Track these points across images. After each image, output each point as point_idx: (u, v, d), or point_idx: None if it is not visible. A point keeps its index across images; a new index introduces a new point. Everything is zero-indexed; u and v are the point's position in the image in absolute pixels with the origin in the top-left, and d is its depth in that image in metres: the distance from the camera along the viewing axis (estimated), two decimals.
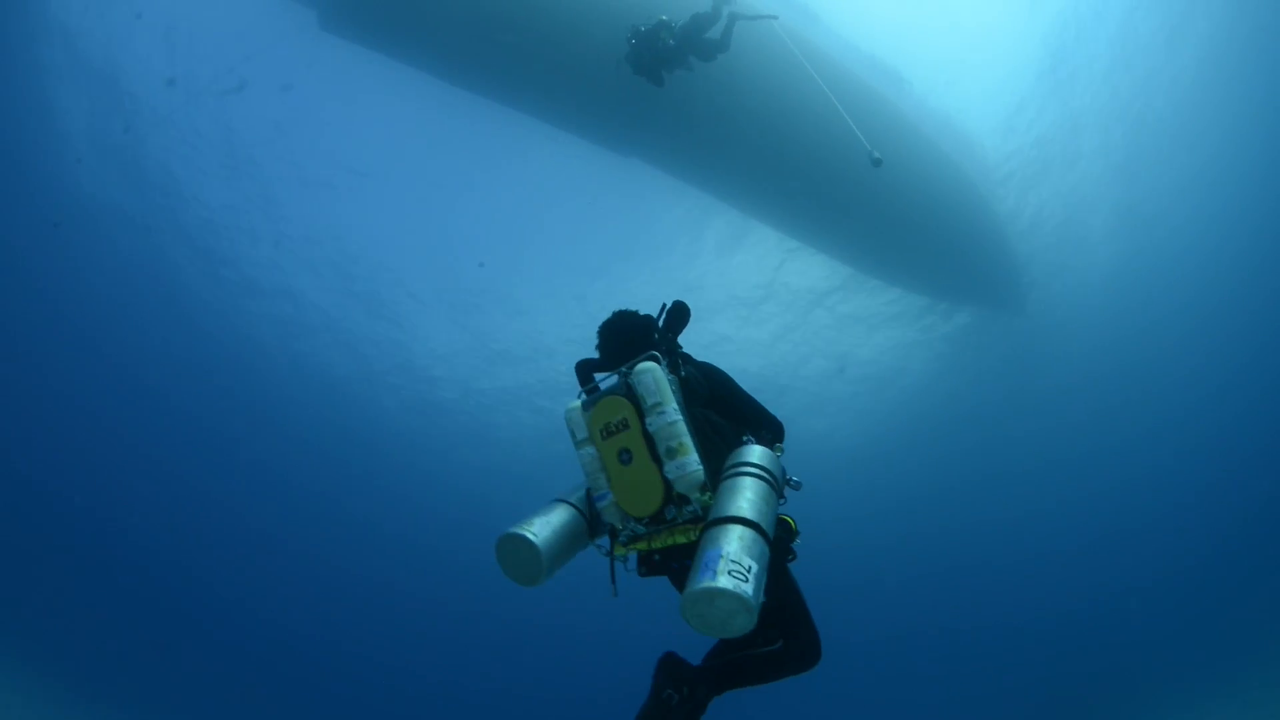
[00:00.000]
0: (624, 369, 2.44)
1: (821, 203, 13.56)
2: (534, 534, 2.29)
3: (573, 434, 2.45)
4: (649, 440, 2.29)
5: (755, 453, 2.27)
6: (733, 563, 1.88)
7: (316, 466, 24.76)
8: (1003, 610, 26.04)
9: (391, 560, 26.10)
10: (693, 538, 2.27)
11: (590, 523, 2.52)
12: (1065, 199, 19.80)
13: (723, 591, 1.82)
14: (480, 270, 21.36)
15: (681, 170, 13.53)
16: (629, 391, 2.36)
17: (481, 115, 13.40)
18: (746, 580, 1.85)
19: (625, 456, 2.31)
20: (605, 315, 2.79)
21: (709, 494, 2.24)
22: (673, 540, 2.32)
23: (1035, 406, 24.87)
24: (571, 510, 2.49)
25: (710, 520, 2.07)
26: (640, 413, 2.31)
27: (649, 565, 2.43)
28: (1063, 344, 23.13)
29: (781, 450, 2.49)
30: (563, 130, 12.49)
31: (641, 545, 2.38)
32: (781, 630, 2.38)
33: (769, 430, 2.59)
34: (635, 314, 2.75)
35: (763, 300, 20.94)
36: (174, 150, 17.25)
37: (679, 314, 2.72)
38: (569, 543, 2.41)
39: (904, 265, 16.49)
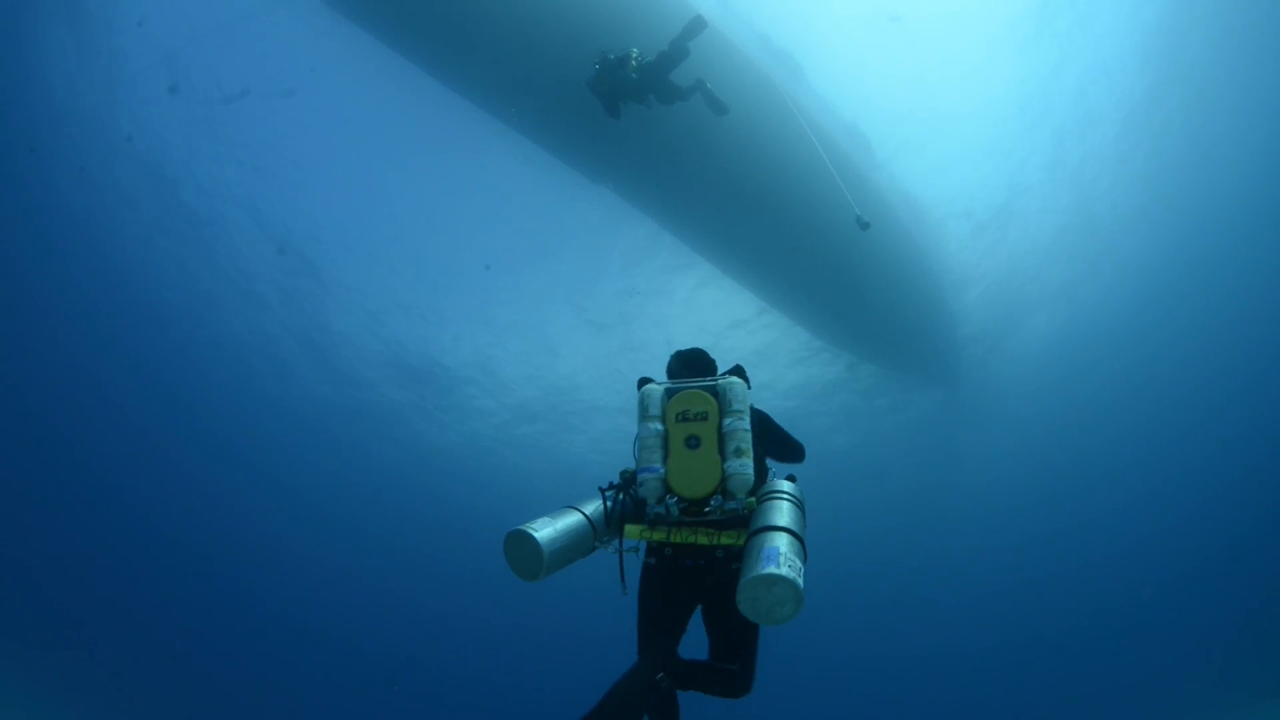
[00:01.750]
0: (713, 378, 2.74)
1: (791, 264, 13.35)
2: (537, 532, 2.43)
3: (645, 409, 2.65)
4: (720, 437, 2.55)
5: (788, 484, 2.63)
6: (789, 560, 2.14)
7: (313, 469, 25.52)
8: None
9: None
10: (711, 541, 2.49)
11: (596, 529, 2.63)
12: (1009, 273, 20.75)
13: (784, 579, 2.08)
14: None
15: (655, 211, 13.04)
16: (715, 394, 2.64)
17: (455, 114, 12.69)
18: (800, 577, 2.12)
19: (693, 443, 2.55)
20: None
21: (751, 499, 2.52)
22: (693, 539, 2.50)
23: (966, 459, 26.03)
24: (579, 516, 2.61)
25: (760, 527, 2.34)
26: (720, 413, 2.59)
27: (658, 559, 2.59)
28: (997, 410, 24.32)
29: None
30: (539, 146, 11.81)
31: (660, 535, 2.53)
32: (739, 654, 2.60)
33: (795, 454, 3.09)
34: (706, 352, 3.27)
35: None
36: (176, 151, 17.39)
37: (743, 371, 3.04)
38: (572, 545, 2.53)
39: (859, 335, 16.53)
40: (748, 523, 2.48)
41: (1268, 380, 23.85)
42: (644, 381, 2.83)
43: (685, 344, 3.50)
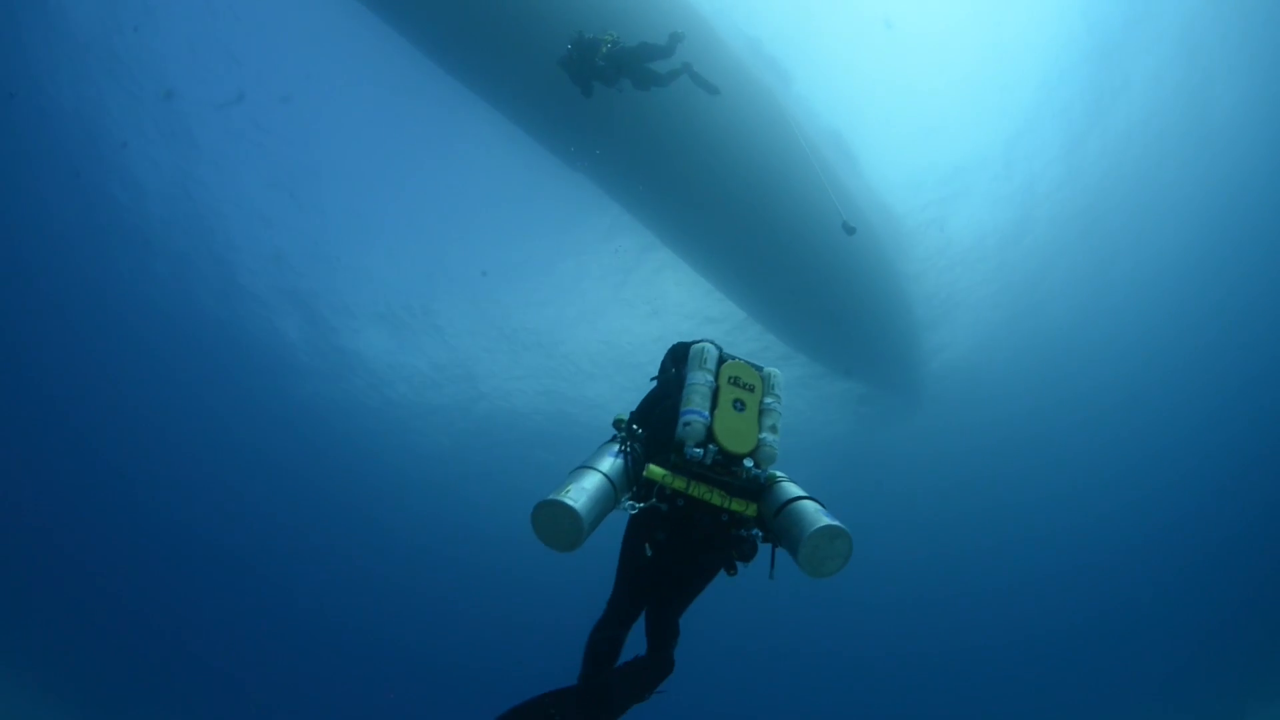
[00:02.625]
0: (756, 364, 2.93)
1: (762, 263, 13.31)
2: (573, 500, 2.40)
3: (702, 360, 2.81)
4: (760, 411, 2.76)
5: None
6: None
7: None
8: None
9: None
10: (723, 504, 2.58)
11: (616, 487, 2.62)
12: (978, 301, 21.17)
13: (846, 535, 2.33)
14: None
15: (630, 203, 12.85)
16: (760, 375, 2.88)
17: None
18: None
19: (739, 406, 2.73)
20: None
21: (773, 473, 2.69)
22: (710, 496, 2.58)
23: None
24: (599, 475, 2.58)
25: (797, 496, 2.52)
26: (763, 391, 2.82)
27: (670, 507, 2.62)
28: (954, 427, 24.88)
29: None
30: (520, 127, 11.50)
31: (681, 484, 2.58)
32: (673, 621, 2.83)
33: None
34: None
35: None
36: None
37: None
38: (602, 507, 2.52)
39: (828, 342, 16.59)
40: (758, 496, 2.64)
41: (1267, 381, 24.47)
42: (684, 347, 3.07)
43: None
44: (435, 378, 22.99)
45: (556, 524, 2.37)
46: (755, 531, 2.60)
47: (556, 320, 21.86)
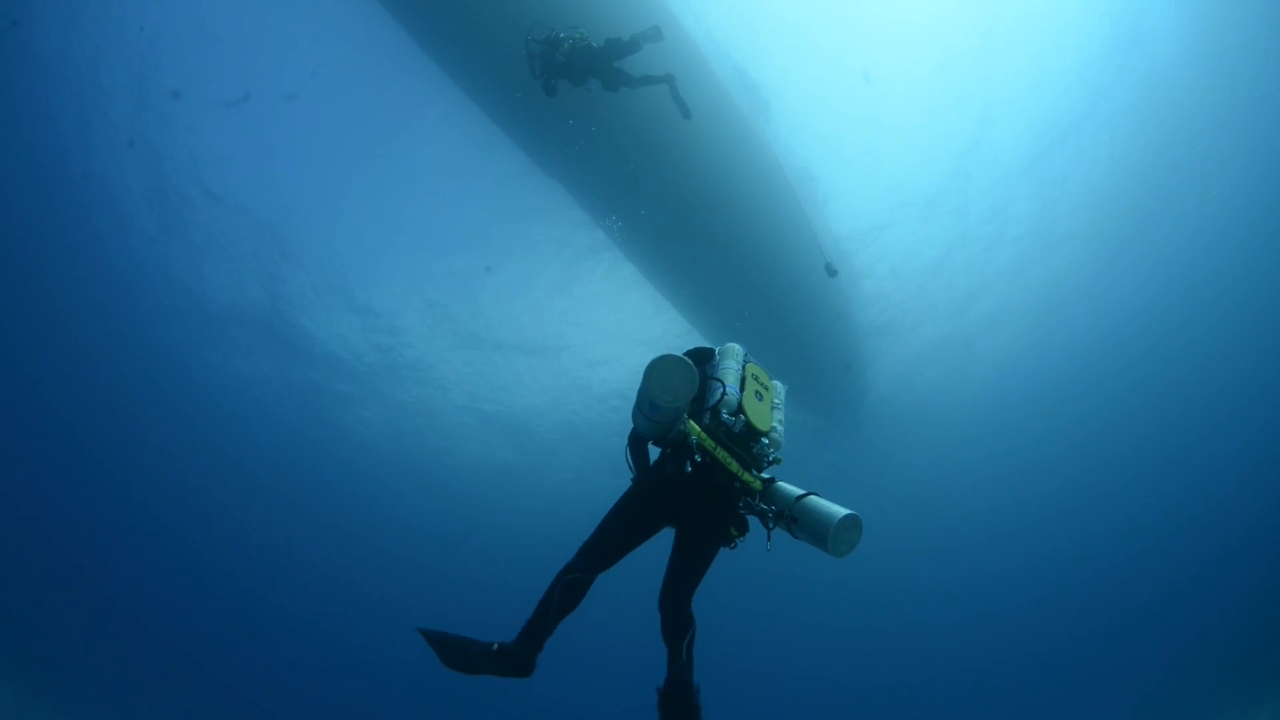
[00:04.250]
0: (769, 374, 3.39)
1: (723, 286, 13.44)
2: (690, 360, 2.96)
3: (735, 354, 3.26)
4: (772, 405, 3.21)
5: None
6: None
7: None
8: None
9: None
10: (740, 474, 2.96)
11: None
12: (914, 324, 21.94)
13: (862, 528, 2.80)
14: None
15: (598, 211, 12.85)
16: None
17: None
18: None
19: (759, 395, 3.16)
20: None
21: (778, 459, 3.15)
22: (729, 462, 2.95)
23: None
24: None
25: (809, 492, 2.94)
26: (773, 394, 3.28)
27: (693, 465, 2.94)
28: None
29: None
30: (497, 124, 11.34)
31: (710, 444, 2.94)
32: (696, 578, 2.96)
33: None
34: None
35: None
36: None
37: None
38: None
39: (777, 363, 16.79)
40: (763, 471, 3.10)
41: (1233, 395, 25.62)
42: (703, 351, 3.47)
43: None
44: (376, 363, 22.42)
45: (672, 376, 2.85)
46: (761, 505, 2.95)
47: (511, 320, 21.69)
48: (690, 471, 2.93)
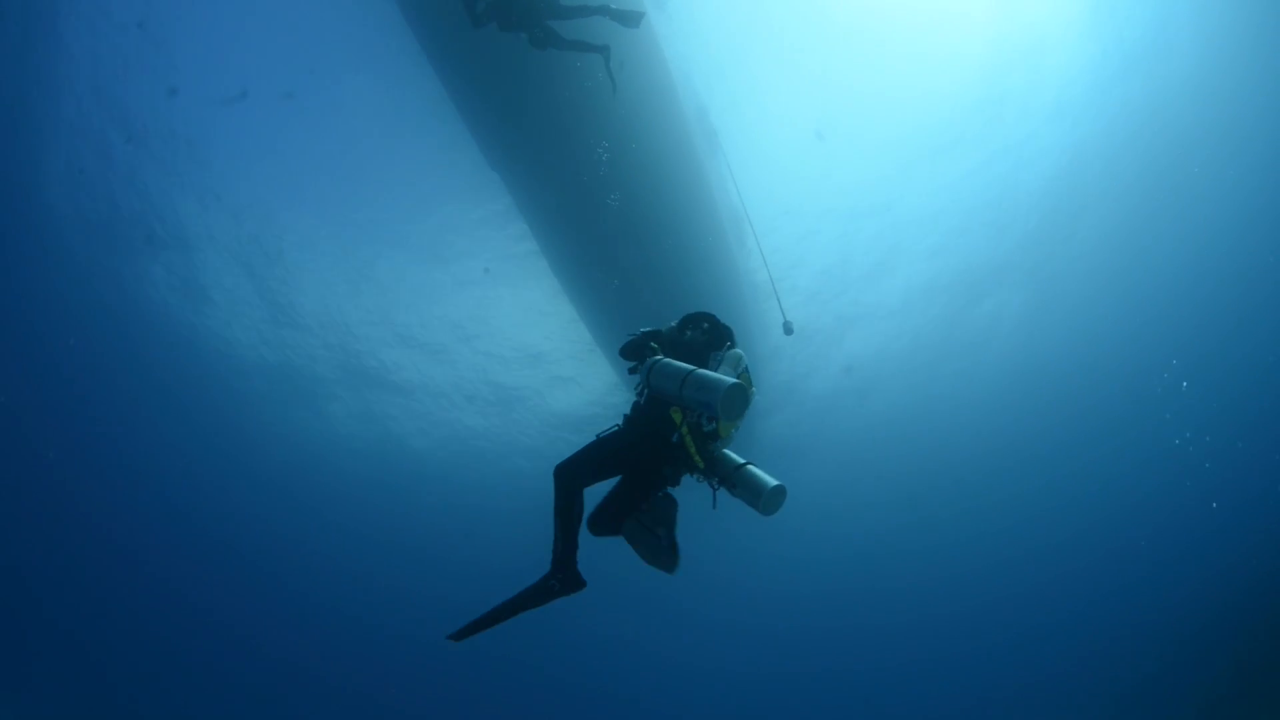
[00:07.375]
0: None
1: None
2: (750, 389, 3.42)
3: (738, 364, 3.46)
4: None
5: None
6: None
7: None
8: None
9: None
10: (694, 455, 3.39)
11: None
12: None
13: (785, 490, 3.37)
14: None
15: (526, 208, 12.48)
16: None
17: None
18: None
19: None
20: None
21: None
22: (690, 447, 3.37)
23: None
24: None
25: (748, 461, 3.48)
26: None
27: (667, 444, 3.40)
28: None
29: None
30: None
31: (687, 435, 3.36)
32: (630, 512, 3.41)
33: None
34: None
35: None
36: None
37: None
38: None
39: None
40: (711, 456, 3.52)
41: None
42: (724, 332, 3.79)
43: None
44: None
45: (737, 400, 3.03)
46: (704, 479, 3.47)
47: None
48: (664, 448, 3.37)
